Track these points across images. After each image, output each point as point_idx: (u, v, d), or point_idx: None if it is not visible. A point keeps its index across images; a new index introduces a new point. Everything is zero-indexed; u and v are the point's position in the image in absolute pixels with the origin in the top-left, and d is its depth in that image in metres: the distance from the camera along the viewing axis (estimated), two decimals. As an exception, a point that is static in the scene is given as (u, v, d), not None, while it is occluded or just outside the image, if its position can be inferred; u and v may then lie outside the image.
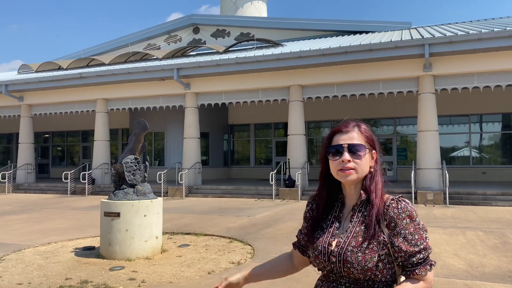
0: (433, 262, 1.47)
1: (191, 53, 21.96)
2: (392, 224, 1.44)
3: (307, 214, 1.66)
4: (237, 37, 23.66)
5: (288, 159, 15.93)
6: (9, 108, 21.00)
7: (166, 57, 20.41)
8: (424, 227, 1.48)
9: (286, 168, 16.02)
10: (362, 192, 1.51)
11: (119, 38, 26.06)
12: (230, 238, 7.90)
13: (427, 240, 1.46)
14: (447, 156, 19.22)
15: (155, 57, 21.00)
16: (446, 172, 13.09)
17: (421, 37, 13.97)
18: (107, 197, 7.11)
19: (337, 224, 1.54)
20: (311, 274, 5.36)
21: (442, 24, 20.87)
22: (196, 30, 24.83)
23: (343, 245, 1.45)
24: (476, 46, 12.99)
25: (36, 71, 22.87)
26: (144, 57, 21.89)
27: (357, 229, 1.47)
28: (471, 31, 13.54)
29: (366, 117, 20.83)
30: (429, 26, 20.68)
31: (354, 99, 18.68)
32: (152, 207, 6.69)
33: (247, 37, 22.62)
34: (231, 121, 23.94)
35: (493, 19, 20.53)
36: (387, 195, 1.51)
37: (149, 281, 5.20)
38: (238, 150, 24.21)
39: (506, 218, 9.94)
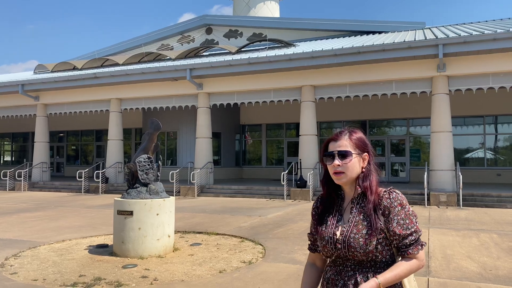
0: (423, 243, 1.72)
1: (204, 54, 22.08)
2: (386, 212, 1.70)
3: (313, 212, 1.91)
4: (250, 38, 23.70)
5: (300, 159, 15.91)
6: (25, 107, 21.37)
7: (179, 58, 20.56)
8: (413, 213, 1.73)
9: (297, 169, 16.01)
10: (358, 187, 1.76)
11: (133, 38, 26.31)
12: (241, 237, 7.93)
13: (417, 224, 1.72)
14: (461, 157, 18.99)
15: (168, 57, 21.16)
16: (460, 173, 12.94)
17: (435, 37, 13.83)
18: (120, 195, 7.20)
19: (339, 216, 1.80)
20: (322, 274, 5.37)
21: (457, 24, 20.62)
22: (209, 31, 24.95)
23: (346, 233, 1.71)
24: (491, 46, 12.82)
25: (52, 71, 23.22)
26: (158, 58, 22.07)
27: (357, 218, 1.73)
28: (486, 31, 13.36)
29: (379, 117, 20.71)
30: (443, 26, 20.46)
31: (366, 100, 18.59)
32: (165, 206, 6.76)
33: (259, 38, 22.65)
34: (243, 121, 23.99)
35: (509, 18, 20.22)
36: (380, 188, 1.78)
37: (161, 279, 5.26)
38: (250, 150, 24.25)
39: (521, 221, 9.79)
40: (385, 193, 1.74)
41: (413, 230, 1.69)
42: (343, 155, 1.73)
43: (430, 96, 14.50)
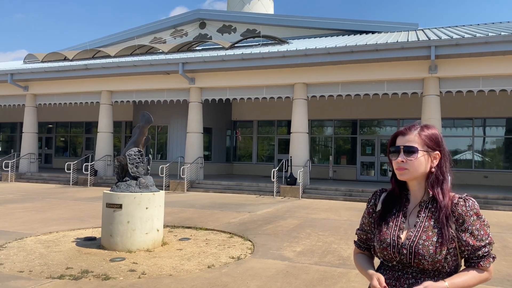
0: (494, 255, 1.62)
1: (197, 48, 21.97)
2: (460, 221, 1.59)
3: (371, 210, 1.80)
4: (243, 33, 23.64)
5: (291, 156, 15.94)
6: (14, 97, 21.08)
7: (172, 51, 20.43)
8: (488, 224, 1.63)
9: (288, 166, 16.03)
10: (429, 190, 1.64)
11: (125, 30, 26.08)
12: (230, 233, 7.94)
13: (490, 236, 1.62)
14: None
15: (160, 50, 21.02)
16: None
17: (427, 39, 13.93)
18: (109, 188, 7.15)
19: (403, 218, 1.67)
20: (310, 271, 5.40)
21: (449, 26, 20.79)
22: (202, 25, 24.82)
23: (414, 239, 1.59)
24: (483, 49, 12.95)
25: (42, 61, 22.92)
26: (150, 51, 21.91)
27: (426, 224, 1.61)
28: (478, 34, 13.50)
29: (369, 117, 20.82)
30: (435, 28, 20.61)
31: (358, 99, 18.66)
32: (154, 200, 6.72)
33: (253, 34, 22.60)
34: (234, 117, 23.95)
35: (501, 22, 20.44)
36: (452, 194, 1.65)
37: (149, 273, 5.24)
38: (241, 146, 24.24)
39: (506, 223, 9.94)
40: (460, 199, 1.62)
41: (487, 242, 1.59)
42: (409, 151, 1.62)
43: (421, 97, 14.61)
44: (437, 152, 1.65)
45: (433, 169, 1.64)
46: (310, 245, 6.99)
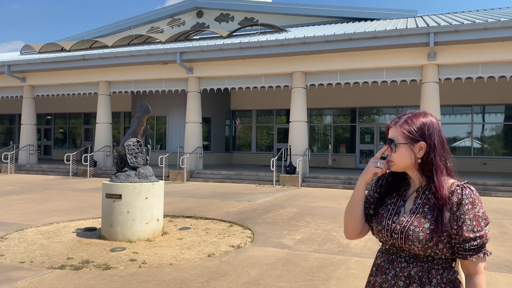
0: (487, 252, 1.53)
1: (195, 37, 21.82)
2: (454, 209, 1.53)
3: (377, 189, 1.79)
4: (241, 22, 23.46)
5: (290, 145, 15.94)
6: (11, 88, 20.99)
7: (169, 41, 20.29)
8: (485, 217, 1.53)
9: (287, 155, 16.05)
10: (425, 179, 1.62)
11: (122, 20, 25.88)
12: (230, 222, 7.97)
13: (485, 230, 1.51)
14: (448, 146, 19.16)
15: (158, 40, 20.87)
16: (447, 162, 13.08)
17: (426, 26, 13.84)
18: (109, 179, 7.16)
19: (401, 202, 1.67)
20: (310, 259, 5.43)
21: (448, 13, 20.65)
22: (199, 14, 24.62)
23: (406, 224, 1.57)
24: (482, 35, 12.88)
25: (39, 52, 22.78)
26: (147, 40, 21.76)
27: (420, 210, 1.58)
28: (477, 21, 13.40)
29: (369, 105, 20.79)
30: (434, 15, 20.47)
31: (357, 87, 18.61)
32: (154, 190, 6.73)
33: (251, 22, 22.42)
34: (233, 107, 23.90)
35: (500, 8, 20.30)
36: (452, 181, 1.60)
37: (150, 263, 5.27)
38: (240, 136, 24.22)
39: (505, 209, 9.99)
40: (457, 187, 1.56)
41: (478, 234, 1.49)
42: (392, 144, 1.65)
43: (420, 85, 14.57)
44: (422, 142, 1.60)
45: (419, 160, 1.61)
46: (310, 233, 7.02)
